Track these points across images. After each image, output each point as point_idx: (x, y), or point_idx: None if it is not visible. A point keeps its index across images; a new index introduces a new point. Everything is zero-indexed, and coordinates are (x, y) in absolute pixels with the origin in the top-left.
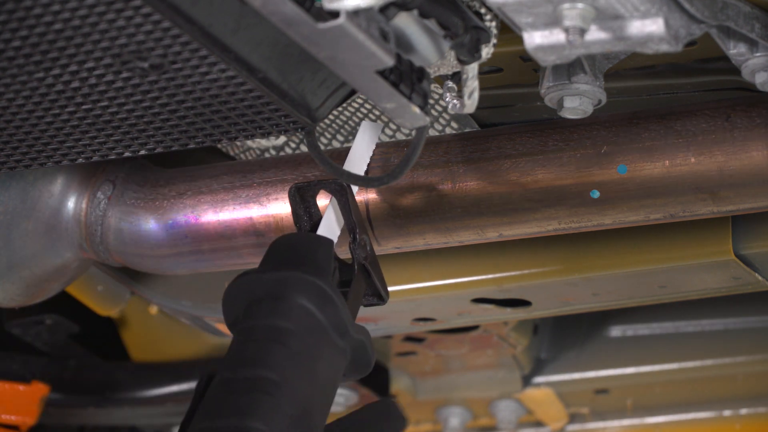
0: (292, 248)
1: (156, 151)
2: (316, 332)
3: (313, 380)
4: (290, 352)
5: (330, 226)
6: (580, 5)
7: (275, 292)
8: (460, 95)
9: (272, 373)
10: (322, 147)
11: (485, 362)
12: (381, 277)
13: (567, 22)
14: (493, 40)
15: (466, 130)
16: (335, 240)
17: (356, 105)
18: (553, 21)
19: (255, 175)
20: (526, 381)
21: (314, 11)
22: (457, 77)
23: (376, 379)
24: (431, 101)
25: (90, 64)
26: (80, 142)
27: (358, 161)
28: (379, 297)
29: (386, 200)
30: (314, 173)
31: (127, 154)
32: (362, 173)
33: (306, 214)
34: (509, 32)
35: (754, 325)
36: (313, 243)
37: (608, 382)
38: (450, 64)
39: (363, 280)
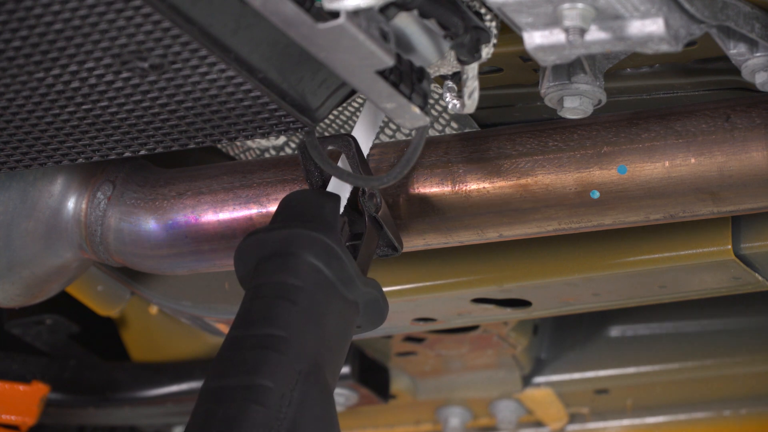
0: (300, 205)
1: (156, 151)
2: (324, 287)
3: (323, 335)
4: (298, 308)
5: (340, 181)
6: (580, 5)
7: (283, 250)
8: (460, 95)
9: (280, 329)
10: None
11: (485, 362)
12: (394, 228)
13: (567, 22)
14: (493, 40)
15: (466, 130)
16: (346, 194)
17: (356, 105)
18: (553, 21)
19: (255, 175)
20: (526, 381)
21: (314, 11)
22: (457, 77)
23: (376, 379)
24: (431, 101)
25: (90, 64)
26: (80, 142)
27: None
28: (393, 248)
29: (386, 200)
30: None
31: (127, 154)
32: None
33: (317, 170)
34: (509, 32)
35: (754, 325)
36: (320, 199)
37: (608, 382)
38: (450, 64)
39: (375, 232)
